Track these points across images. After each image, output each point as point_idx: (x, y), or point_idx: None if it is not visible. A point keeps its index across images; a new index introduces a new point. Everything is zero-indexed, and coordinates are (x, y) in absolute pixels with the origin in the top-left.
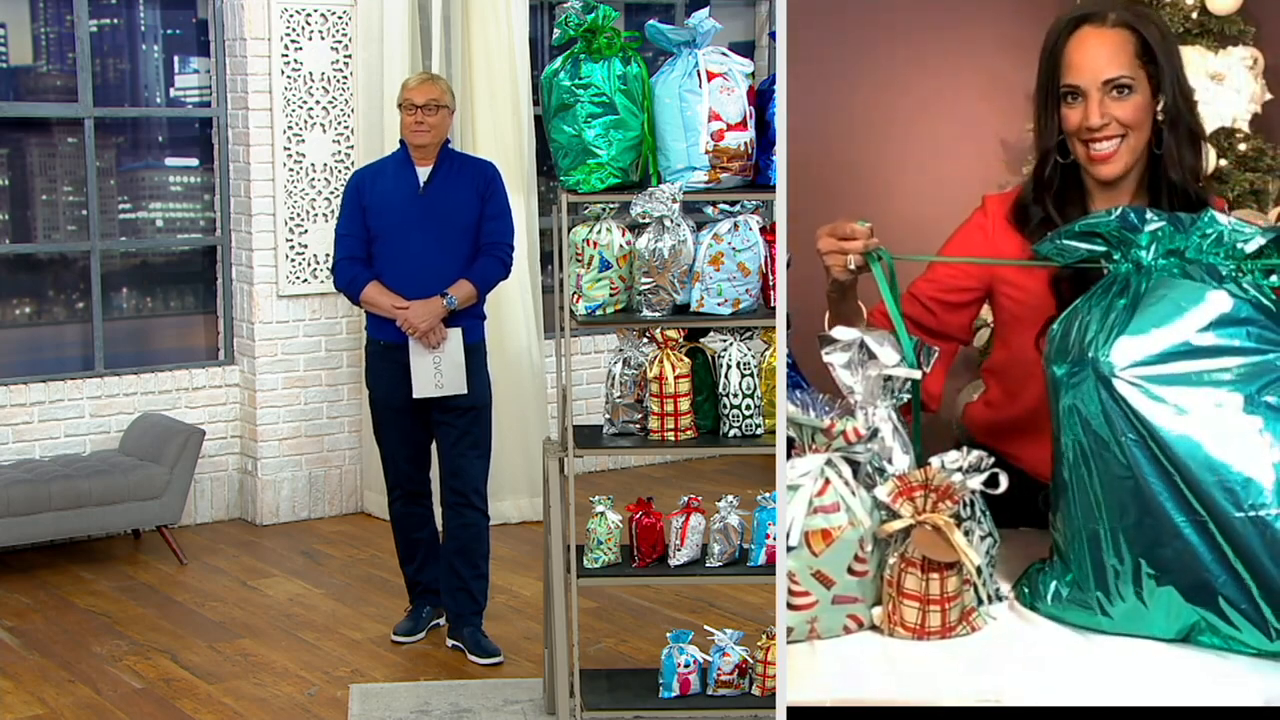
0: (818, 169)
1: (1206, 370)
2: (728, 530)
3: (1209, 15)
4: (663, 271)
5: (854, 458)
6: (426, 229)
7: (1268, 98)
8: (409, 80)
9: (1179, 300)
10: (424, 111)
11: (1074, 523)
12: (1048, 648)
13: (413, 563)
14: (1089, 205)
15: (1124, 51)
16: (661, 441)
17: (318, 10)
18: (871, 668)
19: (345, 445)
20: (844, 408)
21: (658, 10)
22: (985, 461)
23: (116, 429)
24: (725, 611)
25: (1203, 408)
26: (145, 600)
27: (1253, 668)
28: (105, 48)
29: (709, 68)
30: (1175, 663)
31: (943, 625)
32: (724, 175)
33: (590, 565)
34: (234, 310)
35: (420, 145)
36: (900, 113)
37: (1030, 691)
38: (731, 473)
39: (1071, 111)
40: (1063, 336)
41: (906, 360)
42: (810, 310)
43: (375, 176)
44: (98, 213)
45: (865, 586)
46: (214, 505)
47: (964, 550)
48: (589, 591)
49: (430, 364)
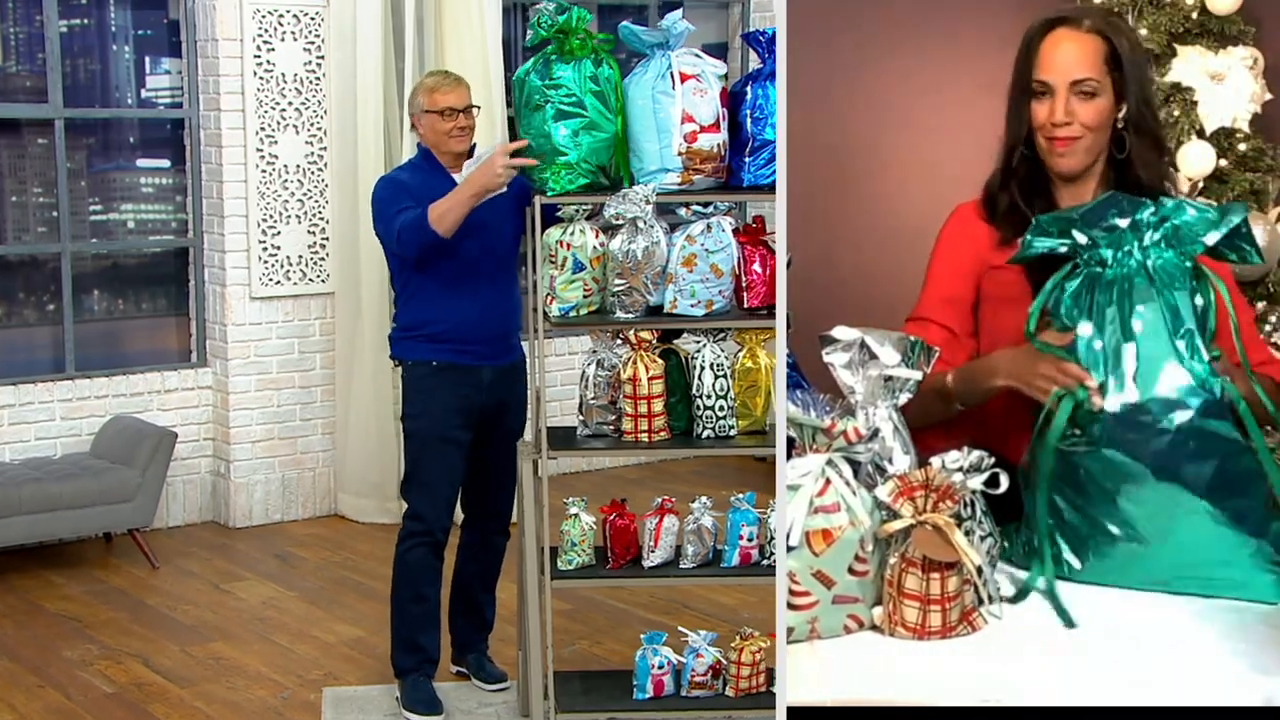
0: (817, 169)
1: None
2: (701, 532)
3: (1209, 15)
4: (636, 273)
5: (855, 458)
6: (475, 241)
7: (1268, 98)
8: (430, 83)
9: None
10: (464, 115)
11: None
12: (1048, 648)
13: (414, 620)
14: (1054, 197)
15: (1095, 56)
16: (635, 443)
17: (290, 11)
18: (872, 668)
19: (319, 447)
20: (844, 408)
21: (631, 12)
22: (985, 461)
23: (88, 431)
24: (699, 613)
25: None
26: (117, 604)
27: (1253, 668)
28: (75, 48)
29: (682, 69)
30: (1175, 663)
31: (943, 625)
32: (697, 177)
33: (564, 567)
34: (206, 312)
35: (461, 151)
36: (900, 113)
37: (1030, 691)
38: (705, 474)
39: (1040, 106)
40: (1042, 315)
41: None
42: (810, 310)
43: (408, 184)
44: (68, 214)
45: (866, 586)
46: (186, 508)
47: (964, 550)
48: (563, 593)
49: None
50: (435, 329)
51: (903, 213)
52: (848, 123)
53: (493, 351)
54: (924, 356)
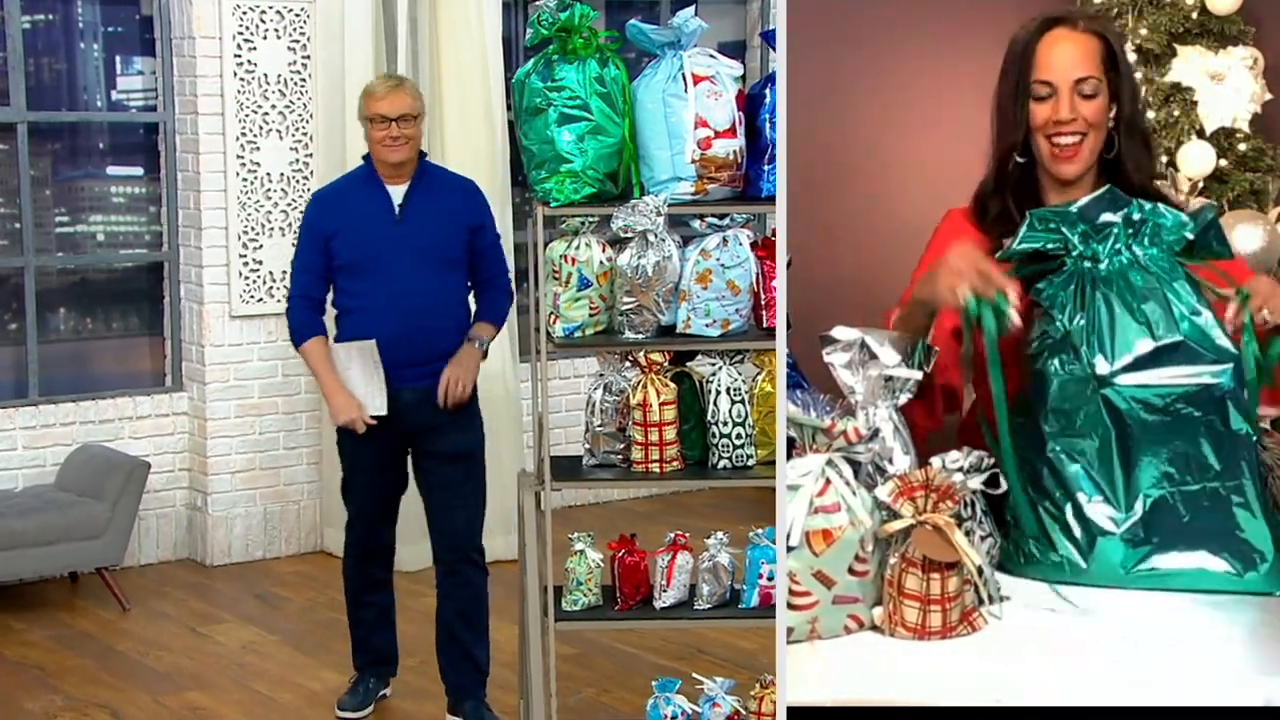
0: (817, 170)
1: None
2: (717, 570)
3: (1209, 15)
4: (646, 290)
5: (855, 458)
6: (408, 262)
7: (1268, 98)
8: (371, 88)
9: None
10: (398, 124)
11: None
12: (1048, 648)
13: (363, 625)
14: (1045, 203)
15: (1093, 55)
16: (645, 473)
17: (273, 7)
18: (872, 668)
19: (304, 478)
20: (845, 408)
21: (640, 8)
22: (986, 462)
23: (53, 462)
24: (715, 658)
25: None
26: (83, 650)
27: (1253, 668)
28: (40, 46)
29: (695, 70)
30: (1175, 663)
31: (943, 625)
32: (711, 186)
33: (569, 608)
34: (182, 332)
35: (397, 163)
36: (900, 114)
37: (1030, 691)
38: (721, 507)
39: (1041, 107)
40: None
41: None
42: (811, 310)
43: (339, 200)
44: (33, 226)
45: (866, 586)
46: (160, 545)
47: (965, 550)
48: (567, 636)
49: (376, 382)
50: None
51: (903, 213)
52: (848, 123)
53: (416, 374)
54: (924, 357)
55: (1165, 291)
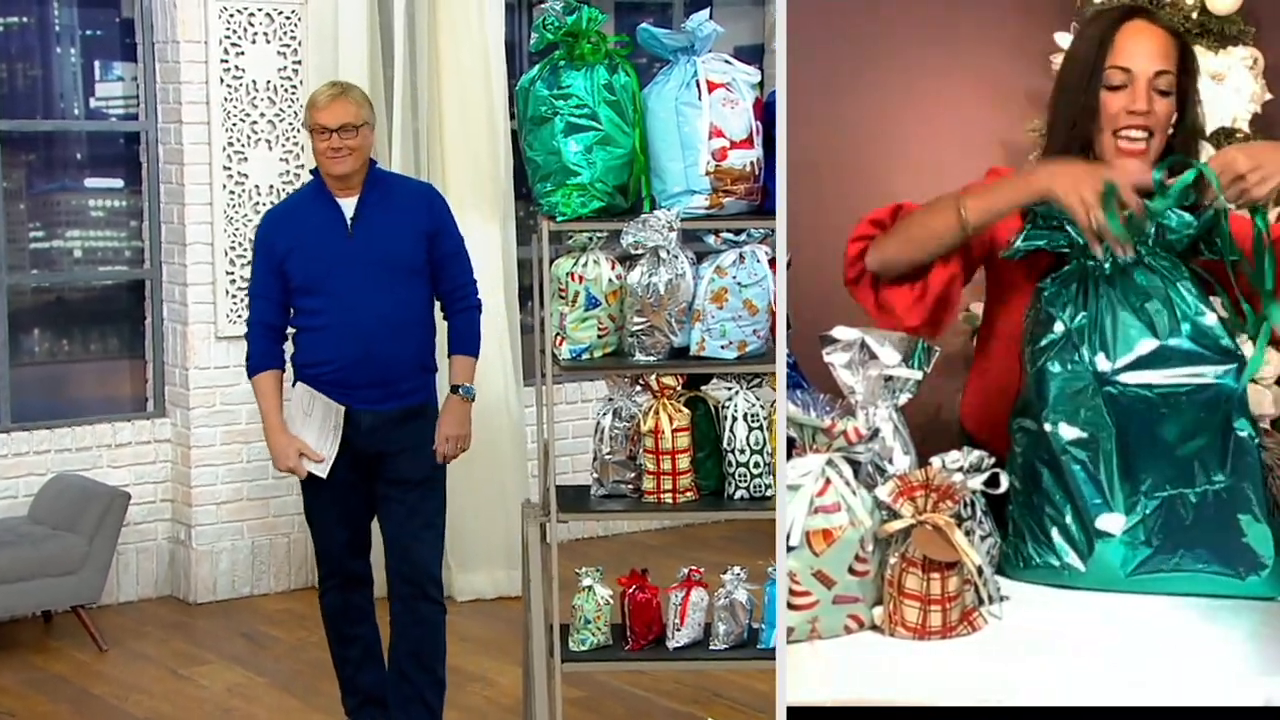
0: (818, 170)
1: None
2: (734, 607)
3: (1209, 15)
4: (658, 310)
5: (855, 458)
6: (363, 277)
7: (1268, 98)
8: (313, 97)
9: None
10: (339, 135)
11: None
12: (1048, 648)
13: (349, 663)
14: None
15: (1172, 53)
16: (658, 504)
17: (262, 9)
18: (872, 668)
19: (294, 510)
20: (845, 408)
21: (652, 11)
22: (986, 461)
23: (25, 492)
24: (733, 702)
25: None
26: (57, 694)
27: (1253, 668)
28: (13, 50)
29: (710, 77)
30: (1175, 663)
31: (943, 625)
32: (727, 200)
33: (576, 648)
34: (165, 354)
35: (341, 175)
36: (900, 114)
37: (1030, 691)
38: (738, 540)
39: (1114, 96)
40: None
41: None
42: (811, 310)
43: (288, 218)
44: (5, 242)
45: (866, 586)
46: (140, 581)
47: (965, 550)
48: (575, 678)
49: (329, 442)
50: (315, 371)
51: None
52: (848, 123)
53: (376, 396)
54: (924, 357)
55: (1169, 291)
